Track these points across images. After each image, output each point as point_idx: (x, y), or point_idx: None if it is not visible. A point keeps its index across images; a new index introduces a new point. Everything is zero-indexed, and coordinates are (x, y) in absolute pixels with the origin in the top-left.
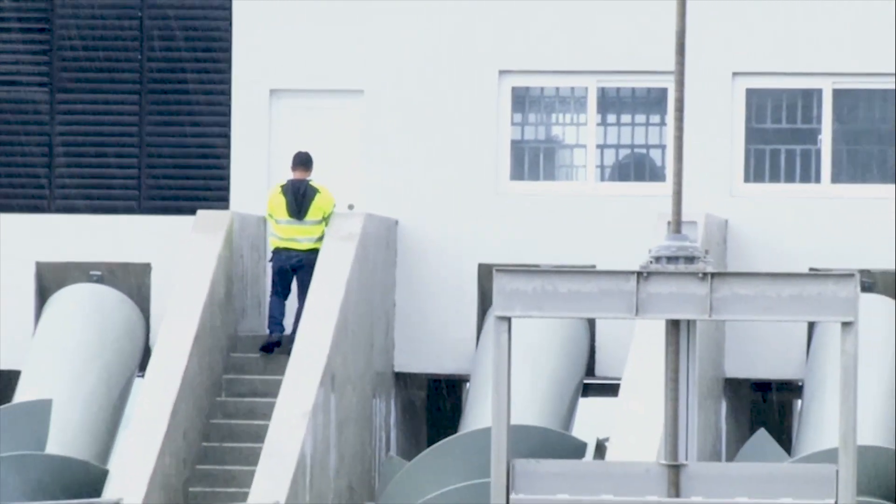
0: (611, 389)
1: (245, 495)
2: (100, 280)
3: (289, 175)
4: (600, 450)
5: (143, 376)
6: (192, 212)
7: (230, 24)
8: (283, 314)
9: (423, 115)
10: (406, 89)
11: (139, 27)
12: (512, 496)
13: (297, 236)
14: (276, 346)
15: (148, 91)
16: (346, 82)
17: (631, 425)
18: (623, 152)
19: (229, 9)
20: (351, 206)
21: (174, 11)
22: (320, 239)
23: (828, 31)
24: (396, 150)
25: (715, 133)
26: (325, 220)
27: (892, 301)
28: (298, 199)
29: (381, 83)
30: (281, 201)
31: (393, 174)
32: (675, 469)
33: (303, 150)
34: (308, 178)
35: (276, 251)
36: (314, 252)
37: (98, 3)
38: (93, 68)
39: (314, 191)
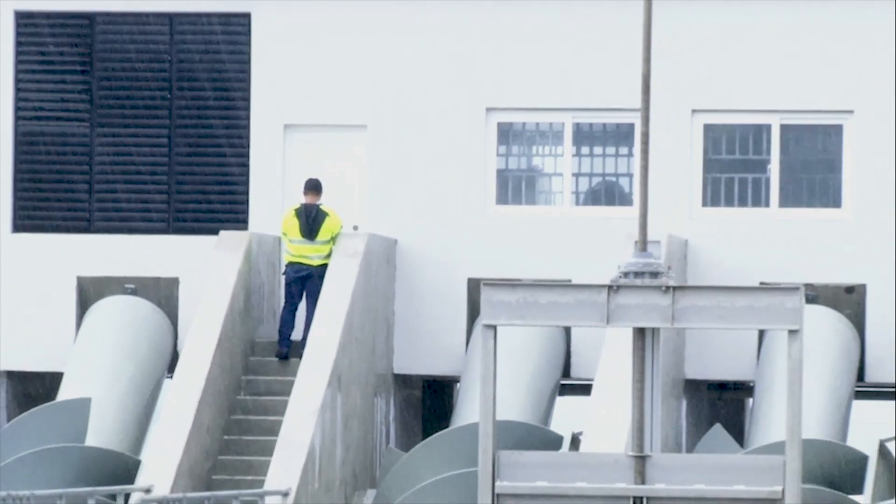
0: (584, 389)
1: (262, 483)
2: (133, 292)
3: (301, 199)
4: (575, 442)
5: (171, 377)
6: (216, 232)
7: (249, 68)
8: (292, 329)
9: (418, 146)
10: (404, 124)
11: (169, 70)
12: (497, 483)
13: (308, 254)
14: (286, 357)
15: (176, 126)
16: (351, 118)
17: (602, 421)
18: (595, 180)
19: (248, 54)
20: (356, 227)
21: (200, 56)
22: (328, 255)
23: (776, 73)
24: (395, 178)
25: (676, 163)
26: (333, 239)
27: (833, 311)
28: (310, 221)
29: (382, 119)
30: (294, 223)
31: (392, 199)
32: (640, 460)
33: (313, 176)
34: (318, 203)
35: (290, 264)
36: (323, 267)
37: (133, 49)
38: (128, 106)
39: (324, 214)
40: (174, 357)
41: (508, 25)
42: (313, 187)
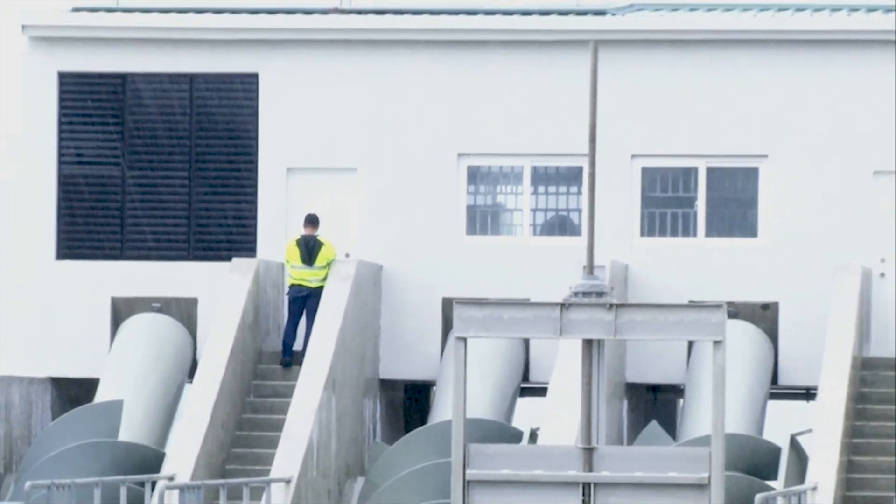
0: (541, 391)
1: (268, 471)
2: (159, 310)
3: (301, 231)
4: (533, 437)
5: (191, 382)
6: (229, 259)
7: (257, 120)
8: (293, 340)
9: (401, 186)
10: (388, 167)
11: (189, 121)
12: (468, 471)
13: (307, 277)
14: (289, 364)
15: (195, 169)
16: (343, 162)
17: (556, 418)
18: (550, 214)
19: (256, 108)
20: (347, 255)
21: (214, 109)
22: (325, 279)
23: (702, 124)
24: (381, 213)
25: (618, 200)
26: (329, 265)
27: (751, 325)
28: (309, 249)
29: (370, 163)
30: (295, 251)
31: (378, 230)
32: (588, 451)
33: (312, 212)
34: (316, 234)
35: (292, 286)
36: (320, 288)
37: (158, 103)
38: (154, 152)
39: (321, 244)
40: (193, 365)
41: (476, 85)
42: (311, 221)
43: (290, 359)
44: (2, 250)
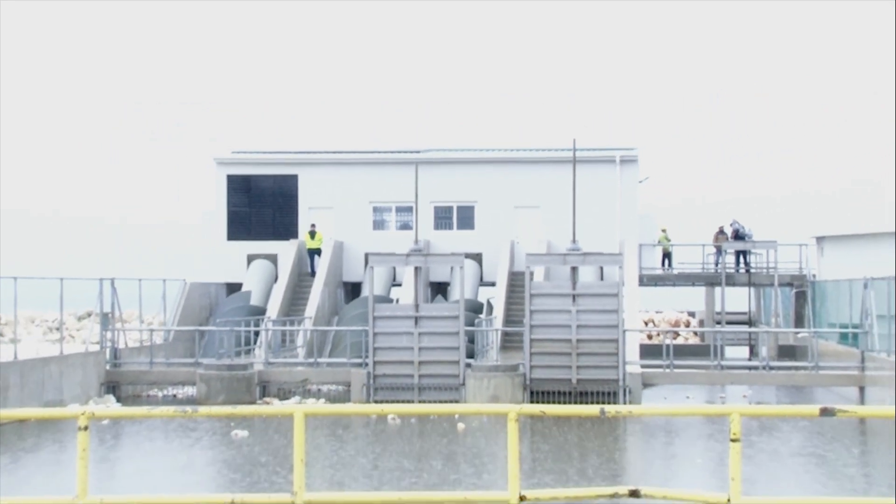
0: (399, 285)
1: (304, 312)
2: (265, 258)
3: (309, 228)
4: (397, 302)
5: (276, 283)
6: (287, 239)
7: (297, 190)
8: (312, 268)
9: (351, 215)
10: (348, 207)
11: (273, 190)
12: (375, 314)
13: (314, 246)
14: (312, 276)
15: (277, 207)
16: (328, 204)
17: (405, 295)
18: (401, 223)
19: (297, 186)
20: (331, 238)
21: (283, 186)
22: (320, 247)
23: (456, 191)
24: (344, 223)
25: (426, 218)
26: (321, 241)
27: (472, 261)
28: (312, 234)
29: (340, 206)
30: (308, 236)
31: (343, 230)
32: (416, 305)
33: (313, 222)
34: (315, 229)
35: (308, 249)
36: (319, 249)
37: (262, 185)
38: (263, 202)
39: (316, 233)
40: (276, 279)
41: (373, 179)
42: (313, 225)
43: (312, 274)
44: (209, 237)
